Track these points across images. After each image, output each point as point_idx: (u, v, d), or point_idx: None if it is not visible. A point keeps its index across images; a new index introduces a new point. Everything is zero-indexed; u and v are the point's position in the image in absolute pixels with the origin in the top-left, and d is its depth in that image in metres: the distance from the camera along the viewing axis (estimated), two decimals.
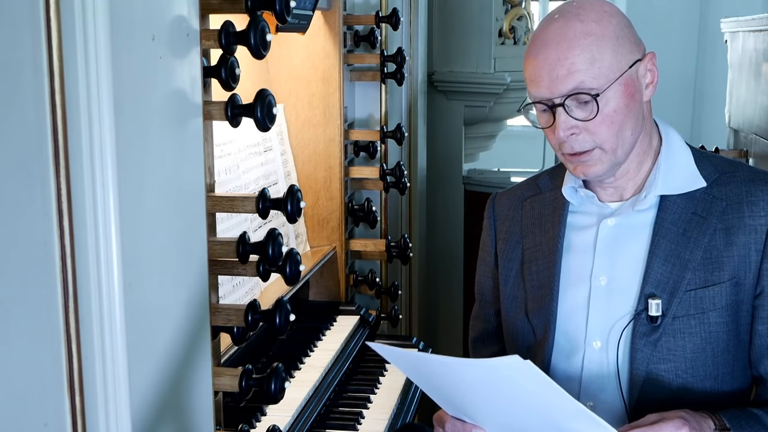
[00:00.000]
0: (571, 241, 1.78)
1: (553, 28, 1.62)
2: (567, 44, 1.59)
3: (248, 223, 2.15)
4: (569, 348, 1.74)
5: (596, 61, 1.58)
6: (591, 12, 1.62)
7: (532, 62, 1.63)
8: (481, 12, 4.02)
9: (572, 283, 1.75)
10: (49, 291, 1.05)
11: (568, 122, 1.61)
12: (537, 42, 1.63)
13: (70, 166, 1.06)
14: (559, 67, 1.58)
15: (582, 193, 1.77)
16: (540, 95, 1.63)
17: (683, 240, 1.67)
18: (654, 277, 1.67)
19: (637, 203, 1.70)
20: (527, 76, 1.65)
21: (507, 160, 5.31)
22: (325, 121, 2.62)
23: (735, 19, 3.81)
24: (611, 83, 1.59)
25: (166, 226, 1.32)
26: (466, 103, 4.12)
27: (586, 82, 1.58)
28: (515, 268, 1.86)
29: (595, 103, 1.58)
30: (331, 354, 2.33)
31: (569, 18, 1.61)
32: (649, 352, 1.66)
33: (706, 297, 1.64)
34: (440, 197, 4.18)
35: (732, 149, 3.82)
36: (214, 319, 1.52)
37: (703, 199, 1.68)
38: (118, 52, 1.12)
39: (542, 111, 1.66)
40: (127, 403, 1.15)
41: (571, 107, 1.60)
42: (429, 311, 4.11)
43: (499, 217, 1.92)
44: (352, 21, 2.71)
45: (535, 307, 1.79)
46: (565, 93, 1.59)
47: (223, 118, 1.50)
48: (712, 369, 1.66)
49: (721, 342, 1.65)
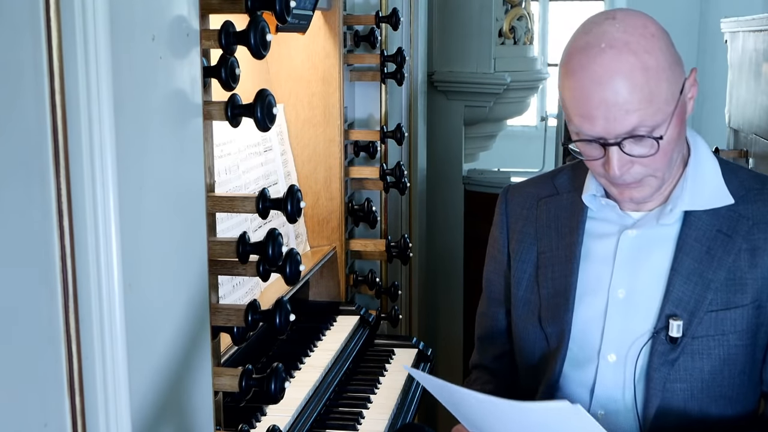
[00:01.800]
0: (589, 249, 1.72)
1: (605, 62, 1.48)
2: (624, 83, 1.47)
3: (248, 223, 2.15)
4: (582, 358, 1.71)
5: (654, 97, 1.48)
6: (639, 39, 1.50)
7: (581, 97, 1.51)
8: (481, 12, 4.02)
9: (589, 292, 1.70)
10: (49, 291, 1.05)
11: (623, 159, 1.53)
12: (586, 75, 1.50)
13: (70, 166, 1.06)
14: (616, 109, 1.48)
15: (603, 201, 1.70)
16: (593, 134, 1.52)
17: (707, 258, 1.61)
18: (675, 296, 1.62)
19: (662, 216, 1.64)
20: (575, 109, 1.53)
21: (507, 160, 5.31)
22: (325, 121, 2.62)
23: (735, 19, 3.81)
24: (670, 117, 1.52)
25: (166, 226, 1.32)
26: (466, 103, 4.12)
27: (646, 121, 1.49)
28: (529, 271, 1.80)
29: (657, 143, 1.51)
30: (331, 354, 2.33)
31: (620, 50, 1.48)
32: (666, 372, 1.62)
33: (727, 319, 1.60)
34: (440, 197, 4.18)
35: (732, 149, 3.82)
36: (214, 319, 1.52)
37: (728, 216, 1.63)
38: (118, 52, 1.12)
39: (589, 142, 1.56)
40: (127, 403, 1.15)
41: (626, 144, 1.51)
42: (429, 311, 4.11)
43: (512, 216, 1.86)
44: (352, 21, 2.71)
45: (549, 315, 1.74)
46: (622, 134, 1.50)
47: (223, 118, 1.50)
48: (728, 389, 1.63)
49: (738, 364, 1.62)
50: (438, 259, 4.21)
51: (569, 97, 1.54)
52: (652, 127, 1.50)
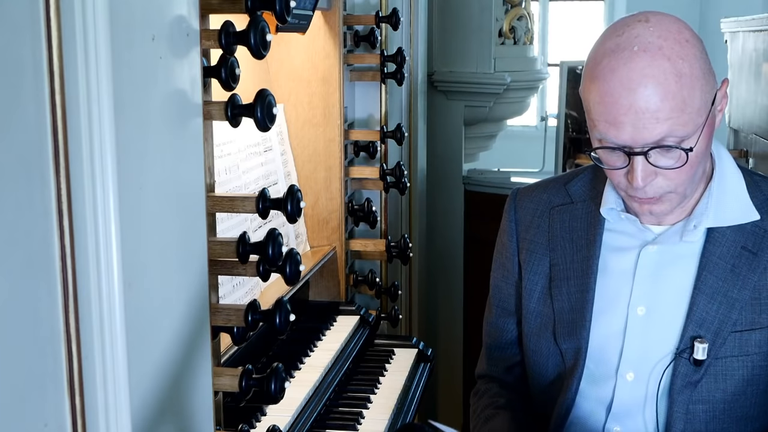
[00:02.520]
0: (607, 263, 1.66)
1: (637, 66, 1.41)
2: (656, 89, 1.40)
3: (248, 223, 2.15)
4: (599, 376, 1.66)
5: (687, 106, 1.41)
6: (674, 44, 1.43)
7: (608, 101, 1.43)
8: (481, 12, 4.02)
9: (607, 309, 1.65)
10: (49, 291, 1.05)
11: (648, 169, 1.46)
12: (615, 79, 1.42)
13: (70, 166, 1.06)
14: (646, 116, 1.41)
15: (623, 216, 1.63)
16: (620, 142, 1.45)
17: (731, 277, 1.56)
18: (698, 315, 1.57)
19: (686, 234, 1.58)
20: (601, 115, 1.45)
21: (507, 160, 5.31)
22: (325, 121, 2.62)
23: (735, 19, 3.81)
24: (700, 129, 1.45)
25: (166, 226, 1.32)
26: (466, 103, 4.12)
27: (676, 131, 1.42)
28: (541, 282, 1.73)
29: (686, 154, 1.44)
30: (331, 354, 2.33)
31: (654, 55, 1.41)
32: (689, 394, 1.58)
33: (752, 340, 1.56)
34: (440, 197, 4.18)
35: (732, 149, 3.82)
36: (214, 319, 1.52)
37: (753, 232, 1.57)
38: (118, 52, 1.12)
39: (612, 150, 1.48)
40: (127, 403, 1.15)
41: (652, 154, 1.45)
42: (429, 311, 4.11)
43: (522, 223, 1.78)
44: (352, 21, 2.71)
45: (564, 331, 1.68)
46: (650, 143, 1.43)
47: (223, 118, 1.50)
48: (750, 409, 1.59)
49: (762, 384, 1.58)
50: (438, 259, 4.21)
51: (595, 102, 1.46)
52: (682, 138, 1.44)
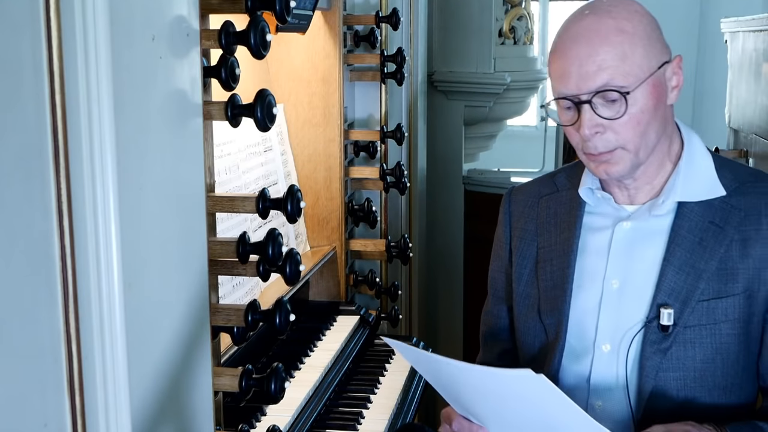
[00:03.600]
0: (586, 243, 1.76)
1: (584, 23, 1.59)
2: (599, 40, 1.56)
3: (248, 223, 2.15)
4: (579, 350, 1.73)
5: (627, 58, 1.55)
6: (622, 10, 1.60)
7: (560, 57, 1.60)
8: (481, 12, 4.02)
9: (584, 284, 1.74)
10: (49, 291, 1.05)
11: (593, 120, 1.58)
12: (565, 38, 1.61)
13: (70, 166, 1.06)
14: (589, 62, 1.56)
15: (599, 194, 1.75)
16: (567, 92, 1.60)
17: (699, 249, 1.65)
18: (667, 286, 1.65)
19: (654, 208, 1.68)
20: (553, 73, 1.62)
21: (507, 160, 5.31)
22: (325, 121, 2.62)
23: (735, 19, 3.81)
24: (641, 82, 1.57)
25: (166, 226, 1.32)
26: (466, 103, 4.12)
27: (616, 80, 1.55)
28: (529, 266, 1.84)
29: (624, 101, 1.56)
30: (331, 354, 2.33)
31: (600, 14, 1.59)
32: (659, 361, 1.64)
33: (719, 308, 1.63)
34: (440, 197, 4.18)
35: (732, 149, 3.82)
36: (214, 319, 1.52)
37: (721, 208, 1.66)
38: (118, 52, 1.12)
39: (566, 108, 1.63)
40: (127, 403, 1.15)
41: (598, 105, 1.57)
42: (429, 311, 4.11)
43: (515, 214, 1.90)
44: (352, 21, 2.71)
45: (547, 307, 1.78)
46: (593, 90, 1.56)
47: (223, 118, 1.50)
48: (721, 379, 1.65)
49: (731, 353, 1.64)
50: (438, 258, 4.21)
51: (551, 64, 1.63)
52: (622, 87, 1.56)
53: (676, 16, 7.03)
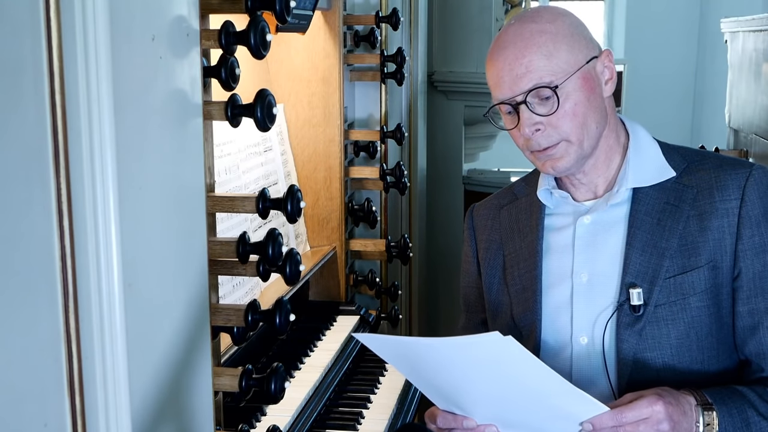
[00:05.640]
0: (550, 243, 1.82)
1: (510, 31, 1.69)
2: (523, 43, 1.65)
3: (248, 223, 2.15)
4: (557, 346, 1.77)
5: (552, 56, 1.64)
6: (545, 14, 1.70)
7: (492, 66, 1.70)
8: (481, 12, 4.02)
9: (554, 283, 1.78)
10: (49, 291, 1.05)
11: (532, 119, 1.65)
12: (495, 48, 1.70)
13: (70, 166, 1.06)
14: (517, 65, 1.64)
15: (557, 194, 1.81)
16: (503, 96, 1.68)
17: (658, 229, 1.71)
18: (633, 268, 1.70)
19: (610, 198, 1.74)
20: (490, 82, 1.71)
21: (507, 160, 5.30)
22: (325, 121, 2.62)
23: (735, 19, 3.81)
24: (569, 76, 1.65)
25: (166, 226, 1.32)
26: (466, 103, 4.13)
27: (545, 77, 1.64)
28: (498, 275, 1.90)
29: (556, 96, 1.64)
30: (331, 354, 2.33)
31: (524, 21, 1.69)
32: (635, 342, 1.68)
33: (686, 282, 1.68)
34: (440, 197, 4.18)
35: (732, 149, 3.82)
36: (214, 319, 1.52)
37: (674, 188, 1.73)
38: (118, 52, 1.12)
39: (507, 113, 1.71)
40: (127, 403, 1.15)
41: (533, 104, 1.65)
42: (429, 311, 4.11)
43: (478, 228, 1.97)
44: (352, 21, 2.71)
45: (519, 310, 1.82)
46: (525, 90, 1.65)
47: (223, 118, 1.50)
48: (698, 353, 1.69)
49: (704, 326, 1.68)
50: (438, 258, 4.22)
51: (487, 74, 1.72)
52: (552, 82, 1.64)
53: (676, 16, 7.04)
